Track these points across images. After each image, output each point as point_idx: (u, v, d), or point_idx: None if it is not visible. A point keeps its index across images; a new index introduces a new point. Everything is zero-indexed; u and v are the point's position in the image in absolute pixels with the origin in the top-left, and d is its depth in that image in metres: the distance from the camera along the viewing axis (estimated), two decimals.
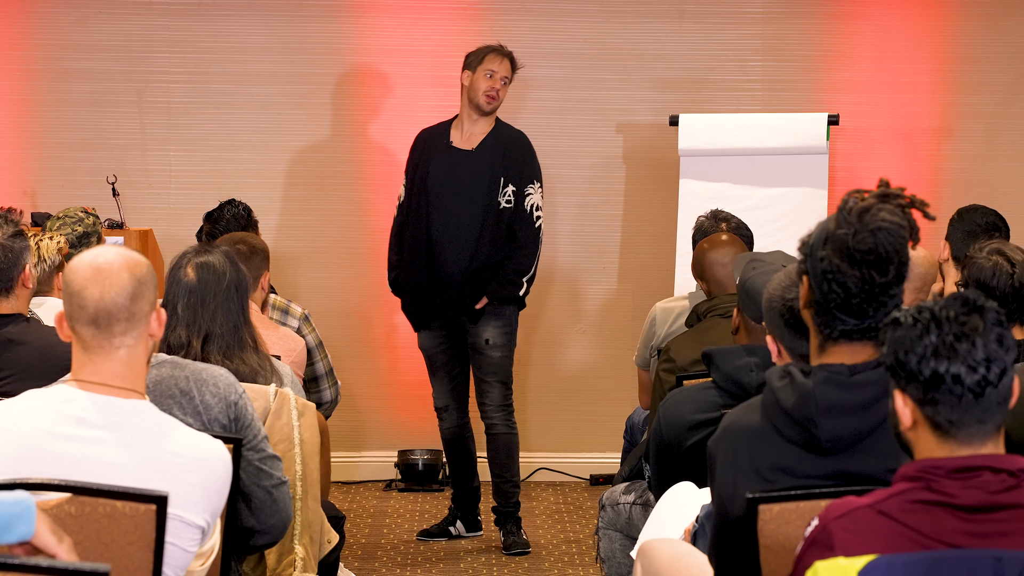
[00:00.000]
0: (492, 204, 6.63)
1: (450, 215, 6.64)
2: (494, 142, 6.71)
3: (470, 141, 6.73)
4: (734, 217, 5.71)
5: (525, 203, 6.67)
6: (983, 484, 2.53)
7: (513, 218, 6.66)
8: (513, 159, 6.69)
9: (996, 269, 4.27)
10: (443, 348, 6.80)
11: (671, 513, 3.83)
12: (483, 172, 6.65)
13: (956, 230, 5.28)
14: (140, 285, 3.01)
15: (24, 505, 2.64)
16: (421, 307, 6.75)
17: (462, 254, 6.63)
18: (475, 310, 6.65)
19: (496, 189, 6.64)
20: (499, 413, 6.75)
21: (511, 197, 6.65)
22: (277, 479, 3.61)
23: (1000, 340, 2.54)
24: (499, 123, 6.80)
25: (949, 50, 8.04)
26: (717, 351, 3.88)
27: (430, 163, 6.72)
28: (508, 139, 6.74)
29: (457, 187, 6.65)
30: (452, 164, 6.70)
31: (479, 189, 6.63)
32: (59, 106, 7.96)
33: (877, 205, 2.96)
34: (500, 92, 6.70)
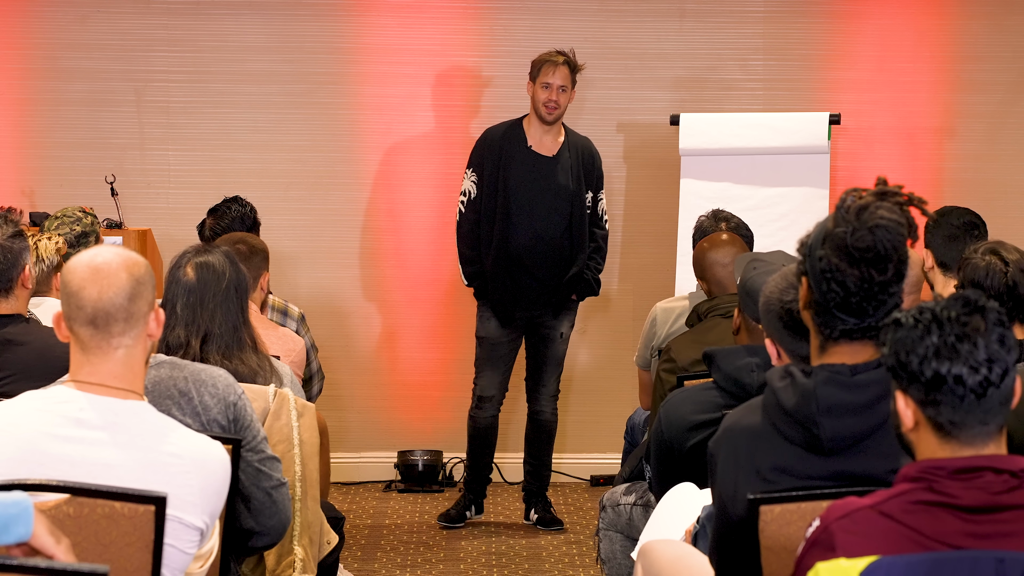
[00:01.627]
0: (578, 210, 6.96)
1: (538, 220, 6.94)
2: (572, 149, 7.01)
3: (548, 147, 7.01)
4: (734, 217, 5.71)
5: (599, 208, 7.07)
6: (985, 485, 2.53)
7: (592, 222, 7.04)
8: (591, 167, 7.05)
9: (990, 270, 4.28)
10: (510, 340, 7.11)
11: (672, 514, 3.82)
12: (568, 179, 6.97)
13: (935, 236, 5.25)
14: (138, 285, 3.00)
15: (22, 506, 2.63)
16: (507, 305, 7.02)
17: (551, 258, 6.96)
18: (562, 305, 7.04)
19: (582, 196, 6.99)
20: (552, 402, 7.17)
21: (590, 203, 7.03)
22: (276, 480, 3.60)
23: (1002, 340, 2.54)
24: (568, 130, 7.08)
25: (951, 49, 8.03)
26: (718, 351, 3.87)
27: (511, 166, 6.95)
28: (582, 146, 7.07)
29: (544, 193, 6.95)
30: (536, 170, 6.97)
31: (566, 196, 6.96)
32: (57, 105, 7.95)
33: (875, 203, 2.95)
34: (560, 100, 6.95)
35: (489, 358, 7.11)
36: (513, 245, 6.92)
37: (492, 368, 7.11)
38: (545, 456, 7.18)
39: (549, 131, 6.98)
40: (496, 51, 7.93)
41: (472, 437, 7.22)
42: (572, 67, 6.94)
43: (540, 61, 6.96)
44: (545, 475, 7.19)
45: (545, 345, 7.09)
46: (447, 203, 8.00)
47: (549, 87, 6.90)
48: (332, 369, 7.20)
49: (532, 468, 7.18)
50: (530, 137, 7.00)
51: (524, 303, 7.00)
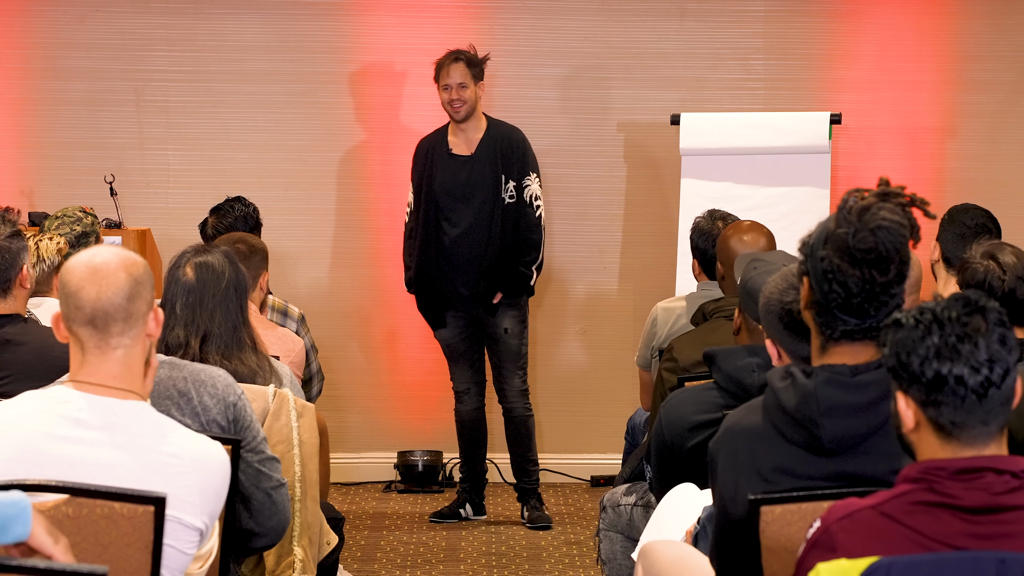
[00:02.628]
0: (498, 203, 6.99)
1: (460, 219, 7.01)
2: (490, 143, 7.04)
3: (468, 146, 7.07)
4: (730, 215, 5.70)
5: (525, 195, 7.02)
6: (986, 485, 2.52)
7: (517, 212, 7.00)
8: (510, 156, 7.03)
9: (987, 274, 4.29)
10: (462, 336, 7.16)
11: (672, 515, 3.82)
12: (485, 174, 7.01)
13: (947, 232, 5.28)
14: (137, 285, 2.99)
15: (20, 506, 2.62)
16: (435, 307, 7.11)
17: (475, 254, 7.00)
18: (492, 304, 7.02)
19: (499, 188, 6.99)
20: (519, 398, 7.16)
21: (513, 192, 7.00)
22: (276, 481, 3.60)
23: (1003, 340, 2.53)
24: (491, 122, 7.10)
25: (952, 49, 8.03)
26: (719, 351, 3.87)
27: (434, 172, 7.06)
28: (502, 137, 7.06)
29: (463, 192, 7.02)
30: (455, 171, 7.05)
31: (484, 191, 7.00)
32: (56, 105, 7.95)
33: (877, 204, 2.94)
34: (464, 95, 6.99)
35: (450, 356, 7.22)
36: (439, 248, 7.03)
37: (456, 365, 7.21)
38: (527, 452, 7.20)
39: (466, 130, 7.05)
40: (496, 51, 7.91)
41: (459, 433, 7.29)
42: (469, 61, 7.00)
43: (437, 65, 7.06)
44: (531, 470, 7.21)
45: (495, 343, 7.11)
46: None
47: (449, 88, 7.00)
48: (332, 369, 7.19)
49: (516, 466, 7.24)
50: (450, 141, 7.09)
51: (453, 304, 7.08)
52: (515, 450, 7.23)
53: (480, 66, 7.04)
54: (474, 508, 7.27)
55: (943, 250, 5.26)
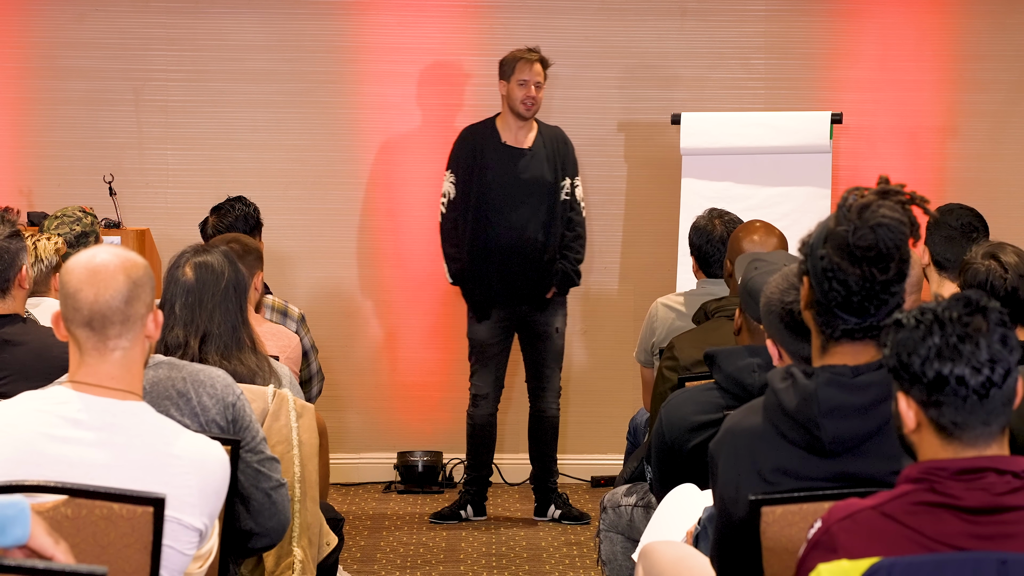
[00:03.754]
0: (555, 199, 7.07)
1: (515, 214, 7.04)
2: (545, 139, 7.13)
3: (522, 141, 7.12)
4: (727, 213, 5.70)
5: (576, 194, 7.13)
6: (988, 486, 2.52)
7: (569, 210, 7.10)
8: (565, 155, 7.15)
9: (990, 274, 4.30)
10: (498, 340, 7.18)
11: (673, 515, 3.81)
12: (544, 169, 7.08)
13: (934, 235, 5.27)
14: (136, 287, 2.99)
15: (19, 507, 2.62)
16: (486, 299, 7.11)
17: (533, 250, 7.04)
18: (543, 300, 7.08)
19: (558, 184, 7.08)
20: (555, 399, 7.23)
21: (568, 190, 7.10)
22: (276, 481, 3.59)
23: (1004, 340, 2.53)
24: (537, 121, 7.19)
25: (953, 48, 8.02)
26: (719, 352, 3.86)
27: (486, 163, 7.08)
28: (555, 136, 7.18)
29: (521, 187, 7.05)
30: (512, 164, 7.08)
31: (543, 186, 7.07)
32: (55, 104, 7.94)
33: (877, 202, 2.94)
34: (537, 96, 7.09)
35: (479, 358, 7.20)
36: (490, 242, 7.04)
37: (484, 367, 7.20)
38: (552, 451, 7.25)
39: (523, 126, 7.12)
40: (496, 50, 7.90)
41: (470, 436, 7.28)
42: (544, 63, 7.10)
43: (513, 59, 7.09)
44: (556, 469, 7.26)
45: (541, 342, 7.14)
46: None
47: (525, 84, 7.05)
48: (332, 370, 7.18)
49: (542, 465, 7.24)
50: (504, 133, 7.11)
51: (502, 300, 7.08)
52: (542, 450, 7.24)
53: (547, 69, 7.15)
54: (475, 510, 7.28)
55: (933, 253, 5.25)
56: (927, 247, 5.28)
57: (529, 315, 7.10)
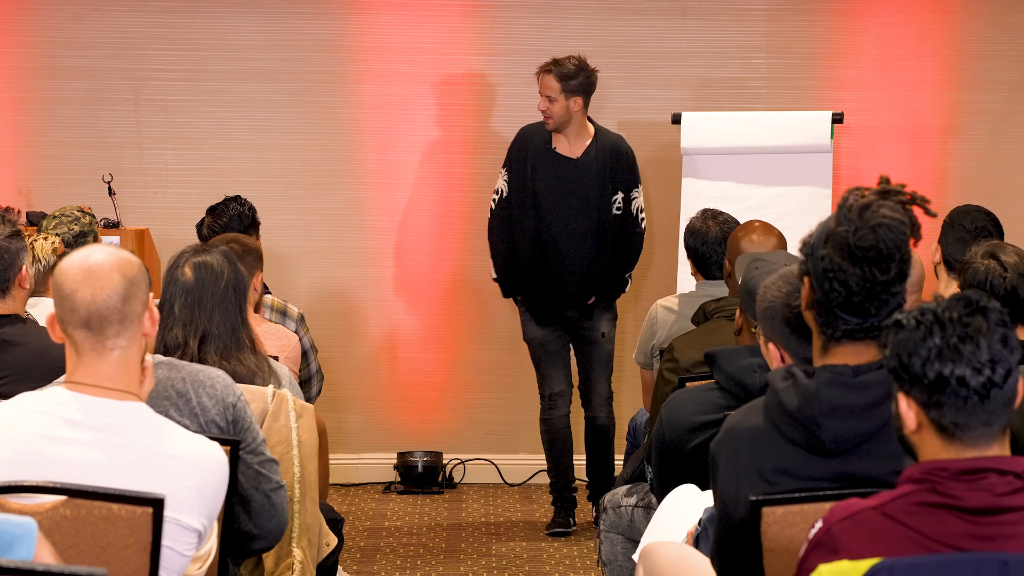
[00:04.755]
0: (605, 212, 6.91)
1: (564, 223, 6.91)
2: (598, 150, 6.94)
3: (572, 149, 6.96)
4: (722, 213, 5.70)
5: (632, 207, 6.96)
6: (989, 486, 2.51)
7: (623, 223, 6.93)
8: (619, 167, 6.95)
9: (989, 273, 4.30)
10: (557, 336, 7.03)
11: (673, 516, 3.81)
12: (593, 182, 6.91)
13: (948, 235, 5.27)
14: (132, 286, 2.98)
15: (27, 528, 2.59)
16: (543, 302, 6.97)
17: (580, 259, 6.91)
18: (588, 306, 6.93)
19: (607, 198, 6.91)
20: (605, 405, 7.09)
21: (620, 204, 6.93)
22: (275, 483, 3.58)
23: (1004, 340, 2.53)
24: (599, 130, 7.02)
25: (954, 47, 8.01)
26: (720, 352, 3.85)
27: (537, 169, 6.93)
28: (611, 147, 6.97)
29: (569, 196, 6.91)
30: (560, 172, 6.93)
31: (591, 199, 6.91)
32: (55, 104, 7.93)
33: (877, 202, 2.93)
34: (551, 109, 6.89)
35: (543, 358, 7.06)
36: (536, 247, 6.90)
37: (551, 365, 7.05)
38: (606, 458, 7.09)
39: (576, 134, 6.94)
40: (496, 50, 7.91)
41: (550, 442, 7.11)
42: (561, 75, 6.86)
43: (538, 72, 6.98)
44: (608, 477, 7.04)
45: (588, 347, 7.01)
46: (447, 203, 7.99)
47: (541, 98, 6.92)
48: (331, 370, 7.17)
49: (593, 471, 7.10)
50: (555, 139, 6.96)
51: (557, 300, 6.93)
52: (599, 460, 7.08)
53: (574, 80, 6.86)
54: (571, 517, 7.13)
55: (944, 253, 5.25)
56: (940, 246, 5.29)
57: (576, 320, 6.98)
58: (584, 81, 6.90)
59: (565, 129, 6.92)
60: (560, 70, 6.87)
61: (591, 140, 6.94)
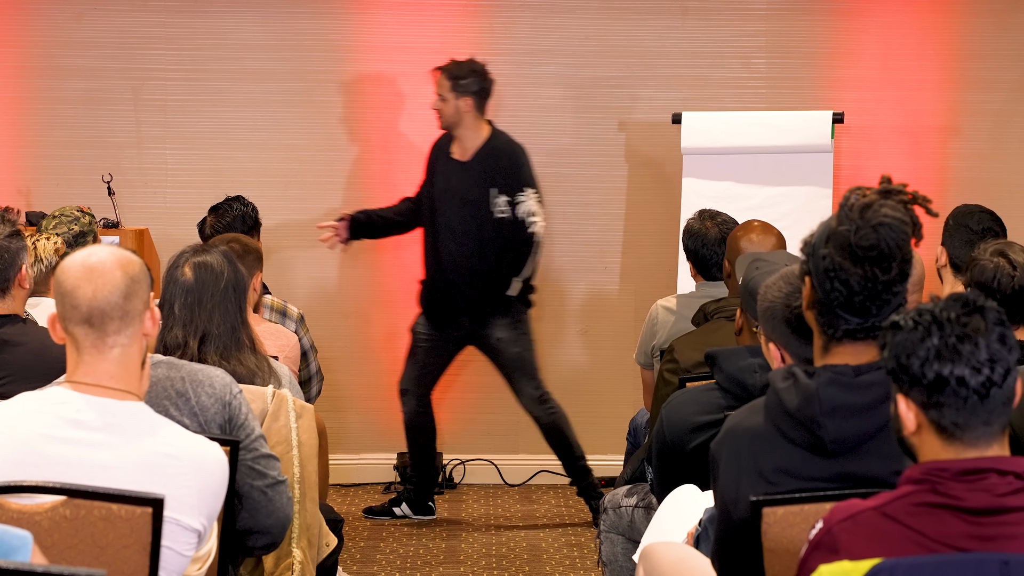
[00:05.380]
0: (487, 214, 6.90)
1: (450, 225, 6.97)
2: (486, 153, 6.97)
3: (466, 153, 7.01)
4: (720, 213, 5.69)
5: (518, 211, 6.90)
6: (989, 487, 2.51)
7: (510, 226, 6.88)
8: (502, 169, 6.93)
9: (998, 271, 4.29)
10: (428, 336, 7.10)
11: (674, 516, 3.80)
12: (475, 183, 6.93)
13: (953, 237, 5.25)
14: (133, 283, 2.99)
15: (23, 539, 2.59)
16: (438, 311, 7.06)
17: (463, 263, 6.95)
18: (478, 314, 6.93)
19: (487, 200, 6.90)
20: (535, 405, 7.06)
21: (504, 208, 6.89)
22: (272, 479, 3.57)
23: (1002, 340, 2.53)
24: (494, 133, 7.03)
25: (955, 47, 8.01)
26: (720, 352, 3.85)
27: (435, 173, 7.04)
28: (497, 150, 6.98)
29: (454, 199, 6.96)
30: (449, 175, 7.00)
31: (471, 201, 6.93)
32: (54, 104, 7.93)
33: (879, 201, 2.93)
34: (442, 108, 6.98)
35: (410, 351, 7.16)
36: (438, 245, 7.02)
37: (409, 359, 7.15)
38: (567, 451, 7.11)
39: (464, 137, 7.00)
40: (496, 50, 7.89)
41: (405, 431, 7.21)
42: (451, 75, 6.95)
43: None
44: (582, 467, 7.12)
45: (491, 354, 7.04)
46: None
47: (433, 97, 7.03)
48: (331, 370, 7.17)
49: (564, 465, 7.17)
50: (454, 144, 7.05)
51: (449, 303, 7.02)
52: (559, 453, 7.14)
53: (464, 80, 6.95)
54: (414, 507, 7.20)
55: (950, 256, 5.23)
56: (945, 248, 5.27)
57: (471, 328, 7.01)
58: (475, 83, 6.98)
59: (457, 131, 7.00)
60: (451, 70, 6.98)
61: (484, 142, 6.99)
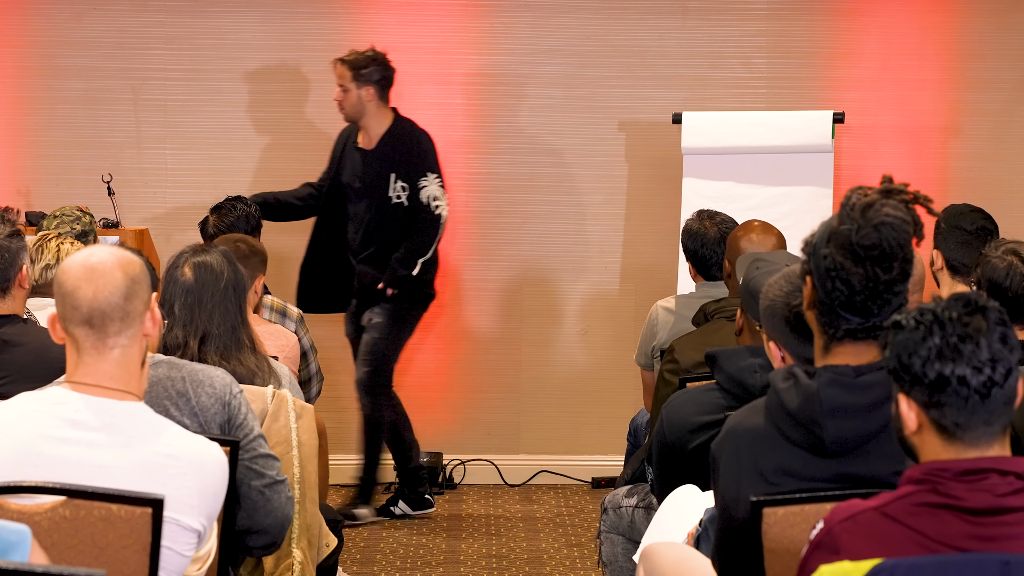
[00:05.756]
0: (385, 199, 6.98)
1: (356, 213, 7.07)
2: (388, 140, 7.06)
3: (371, 141, 7.10)
4: (719, 213, 5.69)
5: (421, 195, 6.99)
6: (990, 487, 2.51)
7: (410, 211, 6.98)
8: (402, 156, 7.03)
9: (1010, 270, 4.30)
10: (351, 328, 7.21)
11: (674, 517, 3.80)
12: (376, 170, 7.03)
13: (948, 240, 5.23)
14: (134, 284, 2.98)
15: (22, 534, 2.59)
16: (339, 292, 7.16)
17: (364, 246, 7.05)
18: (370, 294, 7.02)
19: (386, 185, 6.98)
20: (363, 393, 7.05)
21: (400, 193, 6.98)
22: (270, 478, 3.56)
23: (1004, 339, 2.52)
24: (397, 120, 7.13)
25: (956, 47, 8.00)
26: (721, 352, 3.85)
27: (343, 161, 7.14)
28: (399, 137, 7.07)
29: (359, 185, 7.05)
30: (355, 163, 7.10)
31: (376, 188, 7.01)
32: (54, 104, 7.92)
33: (880, 200, 2.93)
34: (344, 99, 7.06)
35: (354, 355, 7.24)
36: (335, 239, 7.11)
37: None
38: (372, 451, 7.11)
39: (368, 126, 7.08)
40: (496, 49, 7.90)
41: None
42: (352, 64, 7.02)
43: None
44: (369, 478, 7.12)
45: (359, 332, 7.12)
46: (447, 202, 7.97)
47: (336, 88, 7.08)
48: (331, 370, 7.16)
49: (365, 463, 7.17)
50: (360, 133, 7.13)
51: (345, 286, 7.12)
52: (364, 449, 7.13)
53: (365, 69, 7.02)
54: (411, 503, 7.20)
55: (946, 258, 5.21)
56: (940, 251, 5.25)
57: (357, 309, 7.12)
58: (376, 72, 7.06)
59: (362, 120, 7.07)
60: (351, 60, 7.05)
61: (386, 130, 7.08)
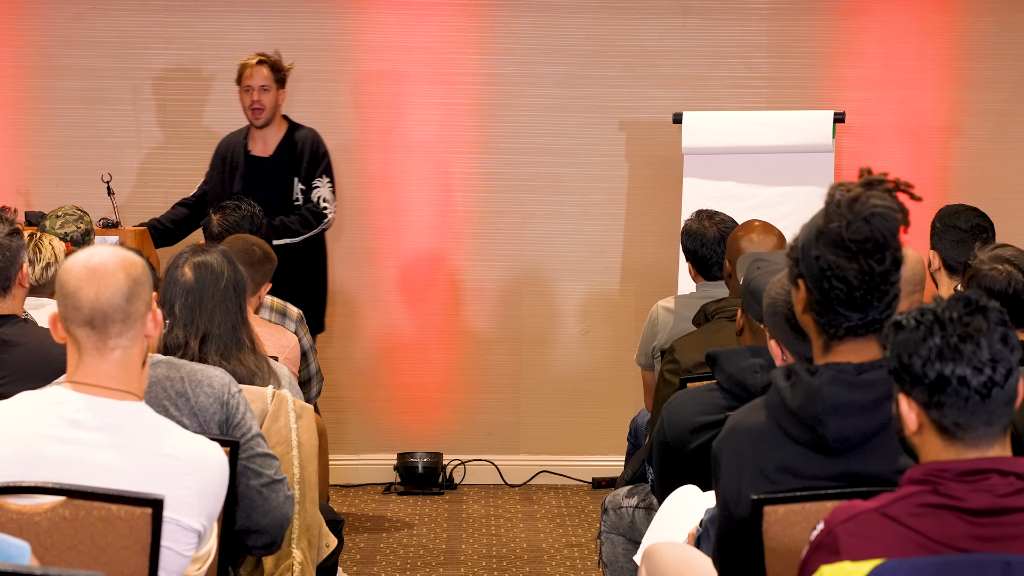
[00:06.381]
0: (287, 203, 7.01)
1: None
2: (286, 145, 7.08)
3: (268, 148, 7.11)
4: (718, 213, 5.69)
5: (312, 195, 7.03)
6: (991, 487, 2.51)
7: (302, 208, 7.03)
8: (301, 159, 7.05)
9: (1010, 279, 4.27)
10: None
11: (675, 517, 3.80)
12: (278, 176, 7.03)
13: (943, 239, 5.22)
14: (135, 285, 2.98)
15: (21, 549, 2.58)
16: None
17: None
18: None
19: (290, 190, 7.03)
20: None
21: (299, 195, 7.02)
22: (268, 478, 3.55)
23: (1004, 340, 2.52)
24: (291, 125, 7.15)
25: (957, 47, 8.00)
26: (721, 352, 3.85)
27: (235, 174, 7.08)
28: (299, 140, 7.10)
29: (259, 193, 6.93)
30: (253, 172, 7.07)
31: (275, 193, 7.00)
32: (53, 103, 7.92)
33: (865, 193, 2.94)
34: (264, 100, 7.04)
35: None
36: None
37: None
38: None
39: (269, 134, 7.08)
40: (497, 49, 7.90)
41: None
42: (273, 66, 7.04)
43: (240, 66, 7.09)
44: None
45: None
46: (447, 202, 7.98)
47: (250, 89, 7.03)
48: (331, 370, 7.17)
49: None
50: (251, 141, 7.12)
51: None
52: None
53: (283, 72, 7.06)
54: None
55: (943, 258, 5.20)
56: (936, 252, 5.24)
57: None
58: (285, 77, 7.11)
59: (269, 125, 7.07)
60: (273, 61, 7.06)
61: (283, 135, 7.10)
